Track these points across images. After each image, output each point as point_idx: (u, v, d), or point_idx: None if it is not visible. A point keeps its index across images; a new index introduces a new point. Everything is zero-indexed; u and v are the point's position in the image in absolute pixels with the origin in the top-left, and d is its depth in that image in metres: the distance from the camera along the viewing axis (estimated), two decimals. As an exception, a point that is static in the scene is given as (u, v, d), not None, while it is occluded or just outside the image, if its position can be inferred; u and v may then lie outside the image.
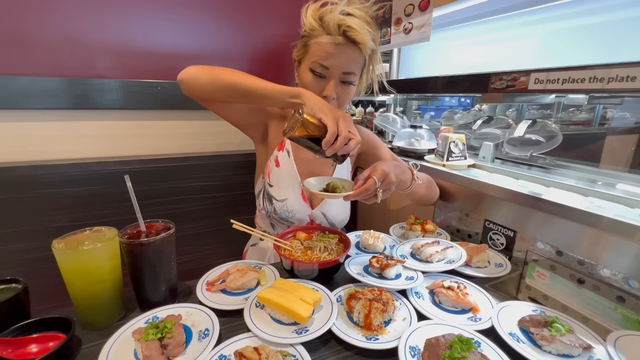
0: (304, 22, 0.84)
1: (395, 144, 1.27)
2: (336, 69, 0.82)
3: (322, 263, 0.71)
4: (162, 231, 0.64)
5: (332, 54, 0.80)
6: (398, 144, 1.26)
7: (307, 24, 0.83)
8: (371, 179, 0.68)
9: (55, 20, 1.01)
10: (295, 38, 0.90)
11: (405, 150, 1.23)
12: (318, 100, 0.73)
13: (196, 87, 0.80)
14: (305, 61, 0.85)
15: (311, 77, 0.83)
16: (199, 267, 0.76)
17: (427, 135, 1.23)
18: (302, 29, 0.85)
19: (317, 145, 0.68)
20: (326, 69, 0.81)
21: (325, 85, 0.83)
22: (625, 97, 0.94)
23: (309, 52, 0.83)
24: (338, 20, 0.78)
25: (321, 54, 0.80)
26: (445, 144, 1.03)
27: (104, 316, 0.61)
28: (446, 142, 1.03)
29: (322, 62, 0.81)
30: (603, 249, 0.66)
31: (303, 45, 0.85)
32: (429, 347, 0.52)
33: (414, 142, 1.22)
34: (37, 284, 0.67)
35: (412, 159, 1.14)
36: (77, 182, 1.05)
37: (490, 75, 0.87)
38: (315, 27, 0.81)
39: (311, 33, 0.82)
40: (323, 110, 0.69)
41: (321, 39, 0.80)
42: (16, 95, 0.99)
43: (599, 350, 0.53)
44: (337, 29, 0.78)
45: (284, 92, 0.76)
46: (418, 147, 1.20)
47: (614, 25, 0.91)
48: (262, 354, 0.49)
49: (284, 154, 0.95)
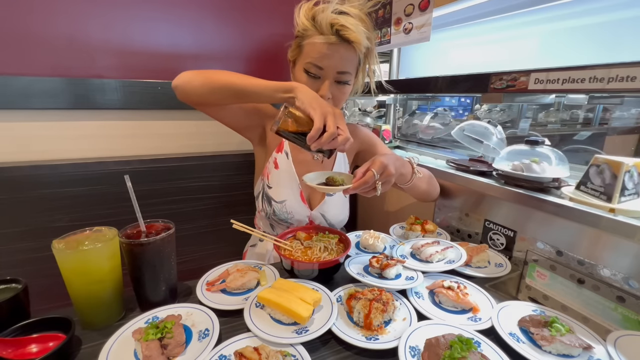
0: (297, 22, 0.83)
1: (496, 166, 0.86)
2: (330, 69, 0.81)
3: (322, 263, 0.71)
4: (162, 231, 0.64)
5: (326, 54, 0.79)
6: (501, 167, 0.85)
7: (300, 24, 0.82)
8: (370, 172, 0.68)
9: (56, 20, 1.01)
10: (293, 37, 0.90)
11: (516, 179, 0.81)
12: (310, 94, 0.71)
13: (191, 91, 0.80)
14: (300, 62, 0.84)
15: (306, 78, 0.82)
16: (199, 267, 0.76)
17: (555, 157, 0.81)
18: (296, 29, 0.85)
19: (304, 140, 0.67)
20: (320, 69, 0.81)
21: (320, 85, 0.82)
22: (625, 97, 0.94)
23: (303, 52, 0.83)
24: (331, 19, 0.77)
25: (315, 54, 0.80)
26: (613, 175, 0.66)
27: (104, 316, 0.61)
28: (616, 172, 0.65)
29: (316, 63, 0.80)
30: (603, 249, 0.66)
31: (297, 45, 0.85)
32: (429, 347, 0.52)
33: (533, 165, 0.79)
34: (37, 284, 0.68)
35: (530, 191, 0.78)
36: (77, 182, 1.05)
37: (490, 75, 0.87)
38: (308, 27, 0.80)
39: (304, 33, 0.82)
40: (312, 105, 0.68)
41: (314, 39, 0.79)
42: (16, 95, 0.99)
43: (599, 350, 0.53)
44: (330, 28, 0.77)
45: (276, 88, 0.74)
46: (539, 173, 0.78)
47: (614, 25, 0.91)
48: (262, 354, 0.49)
49: (282, 155, 0.95)
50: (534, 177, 0.78)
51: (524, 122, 1.29)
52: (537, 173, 0.78)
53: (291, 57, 0.89)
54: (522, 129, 1.26)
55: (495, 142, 0.98)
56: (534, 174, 0.78)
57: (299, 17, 0.82)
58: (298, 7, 0.84)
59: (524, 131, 1.24)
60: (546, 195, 0.75)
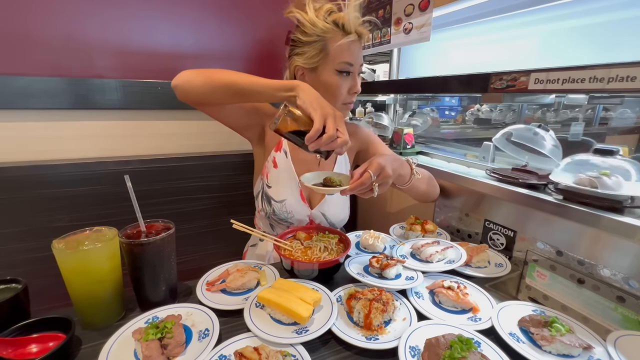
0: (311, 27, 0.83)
1: (555, 179, 0.73)
2: (357, 64, 0.87)
3: (322, 263, 0.71)
4: (162, 231, 0.64)
5: (353, 50, 0.85)
6: (561, 180, 0.72)
7: (317, 28, 0.83)
8: (367, 173, 0.68)
9: (56, 20, 1.01)
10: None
11: (583, 195, 0.67)
12: (312, 94, 0.71)
13: (191, 90, 0.79)
14: (328, 65, 0.85)
15: (338, 79, 0.86)
16: (199, 267, 0.76)
17: (635, 169, 0.65)
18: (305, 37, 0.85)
19: (302, 140, 0.67)
20: (351, 65, 0.86)
21: (352, 81, 0.88)
22: (625, 97, 0.94)
23: (330, 55, 0.84)
24: (357, 19, 0.84)
25: (346, 53, 0.84)
26: None
27: (104, 316, 0.61)
28: None
29: (349, 61, 0.85)
30: (603, 249, 0.66)
31: (319, 51, 0.84)
32: (429, 347, 0.52)
33: (604, 180, 0.65)
34: (37, 284, 0.68)
35: (602, 211, 0.64)
36: (77, 182, 1.05)
37: (490, 75, 0.87)
38: (328, 29, 0.83)
39: (324, 36, 0.83)
40: (313, 105, 0.68)
41: (340, 40, 0.83)
42: (16, 95, 0.99)
43: (599, 350, 0.53)
44: (355, 27, 0.84)
45: (278, 86, 0.74)
46: (615, 190, 0.64)
47: (614, 25, 0.91)
48: (262, 354, 0.49)
49: (281, 154, 0.95)
50: (607, 195, 0.64)
51: (576, 126, 1.05)
52: (612, 189, 0.64)
53: (310, 64, 0.86)
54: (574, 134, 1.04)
55: (550, 149, 0.83)
56: (608, 190, 0.64)
57: (316, 22, 0.83)
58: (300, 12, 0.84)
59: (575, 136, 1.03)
60: (620, 215, 0.62)
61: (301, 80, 0.88)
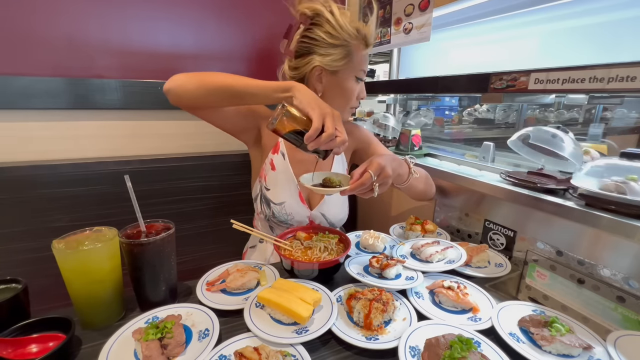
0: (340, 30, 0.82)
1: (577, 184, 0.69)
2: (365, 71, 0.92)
3: (322, 263, 0.71)
4: (162, 231, 0.64)
5: (367, 59, 0.91)
6: (584, 185, 0.68)
7: (345, 33, 0.82)
8: (367, 173, 0.68)
9: (56, 20, 1.01)
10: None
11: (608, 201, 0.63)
12: (309, 94, 0.70)
13: (184, 94, 0.78)
14: (349, 71, 0.87)
15: (354, 84, 0.89)
16: (199, 267, 0.76)
17: None
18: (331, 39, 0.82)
19: (301, 139, 0.67)
20: (365, 73, 0.91)
21: (360, 87, 0.92)
22: (625, 97, 0.94)
23: (353, 61, 0.86)
24: (375, 35, 0.89)
25: (364, 62, 0.89)
26: None
27: (104, 316, 0.61)
28: None
29: (365, 69, 0.91)
30: (603, 249, 0.66)
31: (344, 55, 0.84)
32: (429, 347, 0.52)
33: (632, 185, 0.62)
34: (37, 284, 0.67)
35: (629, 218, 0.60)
36: (77, 182, 1.05)
37: (490, 75, 0.87)
38: (354, 36, 0.84)
39: (349, 42, 0.84)
40: (311, 104, 0.67)
41: (361, 49, 0.87)
42: (17, 95, 0.99)
43: (599, 350, 0.53)
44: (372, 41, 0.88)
45: (274, 88, 0.73)
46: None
47: (614, 25, 0.91)
48: (262, 354, 0.49)
49: (279, 156, 0.95)
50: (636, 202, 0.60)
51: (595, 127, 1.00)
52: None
53: (333, 67, 0.85)
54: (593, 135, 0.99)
55: (570, 152, 0.79)
56: (638, 197, 0.60)
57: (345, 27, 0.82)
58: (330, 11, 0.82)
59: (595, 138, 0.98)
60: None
61: (317, 80, 0.87)
